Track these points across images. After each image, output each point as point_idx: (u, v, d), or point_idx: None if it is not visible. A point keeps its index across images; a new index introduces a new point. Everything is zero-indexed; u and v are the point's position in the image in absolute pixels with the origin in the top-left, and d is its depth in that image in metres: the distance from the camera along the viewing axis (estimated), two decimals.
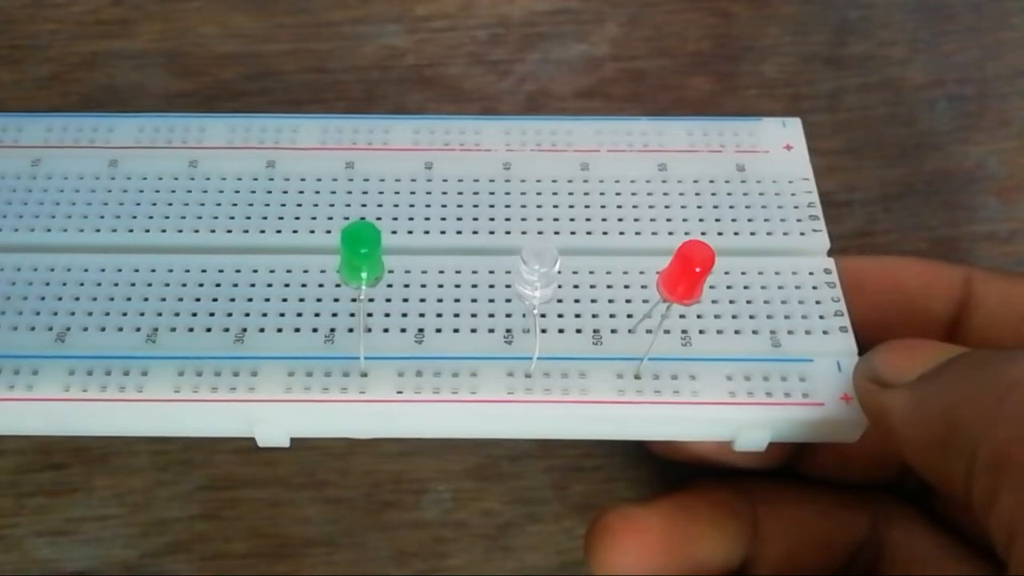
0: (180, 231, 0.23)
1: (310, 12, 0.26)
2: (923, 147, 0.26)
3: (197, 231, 0.23)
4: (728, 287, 0.22)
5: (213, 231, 0.23)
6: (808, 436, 0.21)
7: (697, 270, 0.18)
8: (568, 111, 0.26)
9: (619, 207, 0.23)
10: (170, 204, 0.23)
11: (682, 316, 0.22)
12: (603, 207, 0.23)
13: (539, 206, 0.23)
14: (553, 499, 0.24)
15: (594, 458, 0.24)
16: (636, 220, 0.23)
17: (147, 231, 0.23)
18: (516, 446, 0.24)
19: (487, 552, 0.23)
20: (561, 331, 0.22)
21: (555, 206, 0.23)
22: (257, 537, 0.23)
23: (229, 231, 0.23)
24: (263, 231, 0.23)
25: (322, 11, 0.26)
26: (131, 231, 0.23)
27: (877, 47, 0.26)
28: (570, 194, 0.23)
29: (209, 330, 0.21)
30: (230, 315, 0.22)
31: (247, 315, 0.22)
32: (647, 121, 0.24)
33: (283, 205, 0.23)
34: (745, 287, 0.22)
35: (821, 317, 0.22)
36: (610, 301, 0.22)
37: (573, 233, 0.23)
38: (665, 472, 0.24)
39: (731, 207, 0.23)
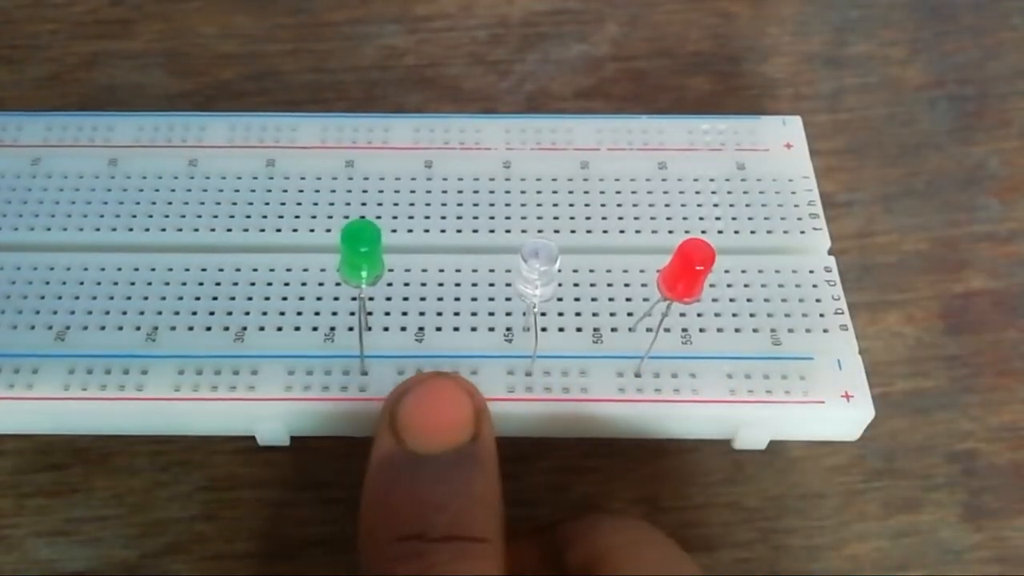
0: (180, 230, 0.23)
1: (310, 12, 0.26)
2: (923, 147, 0.26)
3: (197, 230, 0.23)
4: (728, 285, 0.22)
5: (213, 230, 0.23)
6: (808, 435, 0.21)
7: (698, 268, 0.18)
8: (568, 111, 0.26)
9: (619, 205, 0.23)
10: (170, 203, 0.23)
11: (682, 314, 0.22)
12: (603, 205, 0.23)
13: (539, 204, 0.23)
14: (553, 500, 0.24)
15: (594, 458, 0.23)
16: (636, 219, 0.23)
17: (147, 230, 0.23)
18: (516, 446, 0.24)
19: None
20: (561, 329, 0.22)
21: (555, 204, 0.23)
22: (257, 537, 0.23)
23: (229, 230, 0.23)
24: (263, 230, 0.23)
25: (322, 11, 0.26)
26: (131, 230, 0.23)
27: (877, 47, 0.26)
28: (570, 192, 0.23)
29: (209, 329, 0.21)
30: (230, 314, 0.22)
31: (247, 314, 0.22)
32: (647, 119, 0.24)
33: (283, 204, 0.23)
34: (745, 285, 0.22)
35: (821, 315, 0.22)
36: (610, 299, 0.22)
37: (573, 232, 0.23)
38: (664, 472, 0.24)
39: (731, 205, 0.23)
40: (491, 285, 0.22)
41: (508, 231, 0.23)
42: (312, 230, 0.23)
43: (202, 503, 0.23)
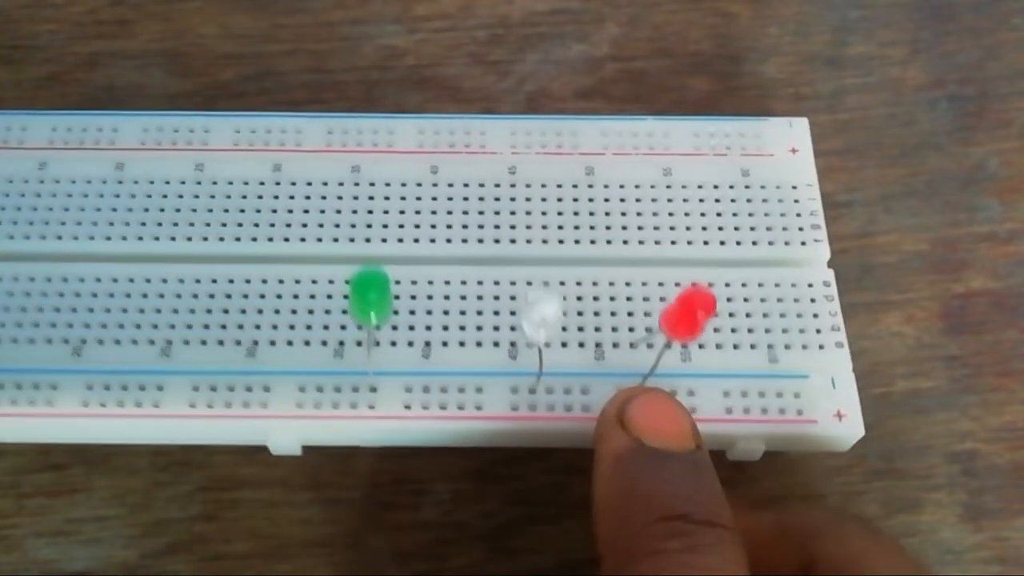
0: (189, 239, 0.23)
1: (310, 12, 0.26)
2: (923, 147, 0.26)
3: (206, 239, 0.23)
4: (728, 299, 0.22)
5: (222, 239, 0.23)
6: (801, 448, 0.22)
7: (699, 316, 0.18)
8: (568, 111, 0.26)
9: (623, 214, 0.23)
10: (178, 210, 0.23)
11: None
12: (607, 214, 0.23)
13: (543, 213, 0.23)
14: (553, 500, 0.24)
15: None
16: (640, 228, 0.23)
17: (156, 239, 0.23)
18: (516, 447, 0.24)
19: (487, 553, 0.23)
20: (564, 344, 0.22)
21: (559, 213, 0.23)
22: (257, 538, 0.23)
23: (238, 239, 0.23)
24: (271, 239, 0.23)
25: (322, 11, 0.26)
26: (140, 239, 0.23)
27: (877, 47, 0.26)
28: (575, 200, 0.23)
29: (221, 343, 0.22)
30: (241, 327, 0.22)
31: (257, 327, 0.22)
32: (653, 121, 0.24)
33: (290, 211, 0.23)
34: (745, 299, 0.22)
35: (818, 331, 0.22)
36: (612, 314, 0.22)
37: (577, 242, 0.23)
38: None
39: (734, 214, 0.23)
40: (496, 298, 0.22)
41: (513, 241, 0.23)
42: (320, 239, 0.23)
43: (202, 503, 0.23)
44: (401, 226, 0.23)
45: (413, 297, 0.22)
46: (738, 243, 0.23)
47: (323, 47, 0.26)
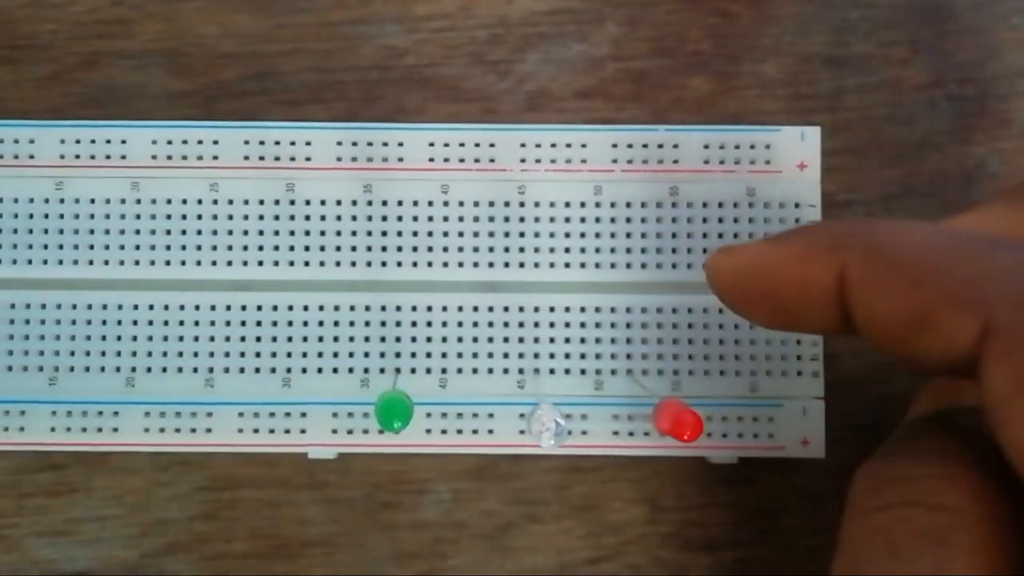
0: (214, 263, 0.23)
1: (310, 12, 0.26)
2: (923, 147, 0.26)
3: (230, 263, 0.23)
4: (720, 326, 0.23)
5: (245, 263, 0.23)
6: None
7: (685, 436, 0.20)
8: (568, 111, 0.26)
9: (628, 236, 0.23)
10: (199, 232, 0.23)
11: (675, 356, 0.23)
12: (613, 236, 0.23)
13: (552, 235, 0.23)
14: (553, 499, 0.24)
15: (594, 458, 0.24)
16: (643, 251, 0.23)
17: (183, 263, 0.23)
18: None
19: (487, 553, 0.23)
20: (567, 372, 0.23)
21: (567, 235, 0.23)
22: (257, 537, 0.23)
23: (260, 263, 0.23)
24: (292, 263, 0.23)
25: (322, 11, 0.26)
26: (168, 263, 0.23)
27: (877, 47, 0.26)
28: (582, 221, 0.24)
29: (258, 371, 0.23)
30: (274, 355, 0.23)
31: (289, 355, 0.23)
32: (665, 131, 0.24)
33: (307, 233, 0.23)
34: (735, 326, 0.23)
35: (799, 358, 0.23)
36: (612, 341, 0.23)
37: (583, 265, 0.23)
38: (665, 472, 0.24)
39: (735, 236, 0.23)
40: (505, 324, 0.23)
41: (522, 264, 0.23)
42: (338, 263, 0.23)
43: (202, 503, 0.23)
44: (415, 248, 0.23)
45: (429, 324, 0.23)
46: None
47: (323, 47, 0.26)
